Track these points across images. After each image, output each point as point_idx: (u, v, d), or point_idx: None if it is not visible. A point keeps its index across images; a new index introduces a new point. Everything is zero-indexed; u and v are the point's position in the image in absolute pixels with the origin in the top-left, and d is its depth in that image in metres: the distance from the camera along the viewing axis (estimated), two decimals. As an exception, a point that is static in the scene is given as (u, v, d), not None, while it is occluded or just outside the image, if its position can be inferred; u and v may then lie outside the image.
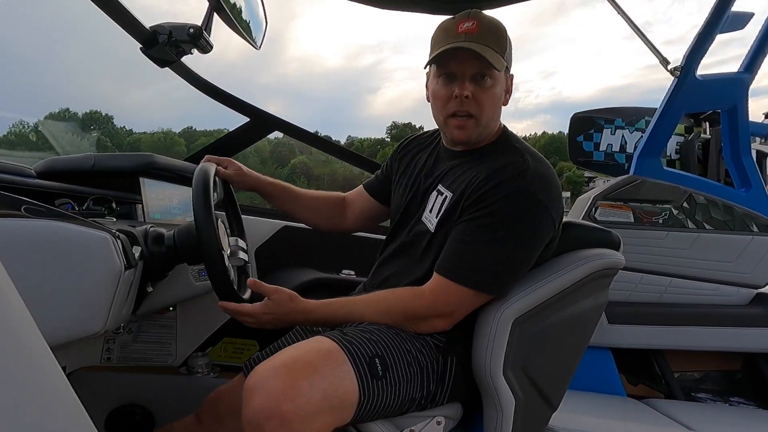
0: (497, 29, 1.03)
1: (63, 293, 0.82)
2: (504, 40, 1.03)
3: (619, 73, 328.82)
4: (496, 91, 1.04)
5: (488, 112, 1.04)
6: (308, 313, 1.02)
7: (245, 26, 1.47)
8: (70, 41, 56.79)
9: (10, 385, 0.32)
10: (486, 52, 0.99)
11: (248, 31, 1.49)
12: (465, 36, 1.00)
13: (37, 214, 0.83)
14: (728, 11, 1.84)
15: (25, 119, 3.32)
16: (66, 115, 30.88)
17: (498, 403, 1.00)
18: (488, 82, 1.02)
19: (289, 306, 1.01)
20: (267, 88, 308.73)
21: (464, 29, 1.01)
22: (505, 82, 1.07)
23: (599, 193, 1.98)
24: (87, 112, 30.52)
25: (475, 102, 1.03)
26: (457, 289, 0.97)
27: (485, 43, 1.00)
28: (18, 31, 37.49)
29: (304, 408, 0.82)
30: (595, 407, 1.72)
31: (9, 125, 3.53)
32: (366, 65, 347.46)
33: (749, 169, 2.01)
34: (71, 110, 29.88)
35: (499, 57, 1.01)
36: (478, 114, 1.04)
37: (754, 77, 1.97)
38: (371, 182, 1.35)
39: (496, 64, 1.00)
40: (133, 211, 1.49)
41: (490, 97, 1.03)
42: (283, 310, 1.01)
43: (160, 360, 1.70)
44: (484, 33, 1.00)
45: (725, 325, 1.88)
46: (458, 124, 1.05)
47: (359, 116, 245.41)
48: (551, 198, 0.99)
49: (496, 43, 1.01)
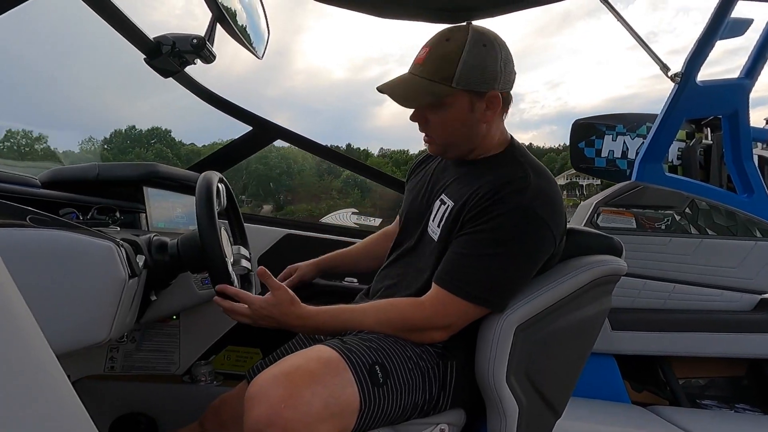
0: (444, 56, 1.00)
1: (67, 302, 0.83)
2: (451, 65, 1.00)
3: (624, 83, 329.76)
4: (450, 115, 1.03)
5: (447, 134, 1.07)
6: (305, 319, 1.01)
7: (247, 37, 1.49)
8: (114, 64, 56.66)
9: (16, 392, 0.32)
10: (411, 90, 1.02)
11: (250, 42, 1.50)
12: (413, 67, 1.04)
13: (41, 224, 0.84)
14: (728, 18, 1.85)
15: (94, 136, 3.48)
16: (133, 131, 31.63)
17: (501, 409, 0.99)
18: (437, 109, 1.04)
19: (287, 308, 1.01)
20: (274, 100, 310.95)
21: (417, 58, 1.04)
22: (467, 104, 1.03)
23: (601, 199, 1.99)
24: (149, 128, 33.05)
25: (430, 127, 1.07)
26: (456, 302, 0.98)
27: (421, 73, 1.02)
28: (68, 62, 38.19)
29: (305, 416, 0.82)
30: (599, 414, 1.72)
31: (78, 142, 3.69)
32: (371, 77, 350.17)
33: (751, 174, 2.01)
34: (137, 127, 33.21)
35: (435, 86, 1.00)
36: (437, 137, 1.08)
37: (754, 83, 1.98)
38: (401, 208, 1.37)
39: (413, 101, 1.03)
40: (137, 220, 1.49)
41: (440, 122, 1.05)
42: (281, 311, 1.01)
43: (164, 368, 1.70)
44: (428, 62, 1.02)
45: (730, 331, 1.87)
46: (426, 140, 1.11)
47: (365, 128, 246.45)
48: (552, 214, 0.99)
49: (435, 71, 1.00)
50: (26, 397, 0.32)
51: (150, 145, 30.15)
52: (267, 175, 31.04)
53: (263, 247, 1.80)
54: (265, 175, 30.55)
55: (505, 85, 1.04)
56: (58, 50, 50.37)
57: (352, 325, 1.03)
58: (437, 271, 1.01)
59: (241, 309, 1.03)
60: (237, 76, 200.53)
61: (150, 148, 28.09)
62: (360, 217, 2.38)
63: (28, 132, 4.86)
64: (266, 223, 1.91)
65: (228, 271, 1.09)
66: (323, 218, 2.56)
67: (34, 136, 4.33)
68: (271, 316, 1.01)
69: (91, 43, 53.40)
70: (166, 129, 33.26)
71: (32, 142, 4.27)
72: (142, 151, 27.48)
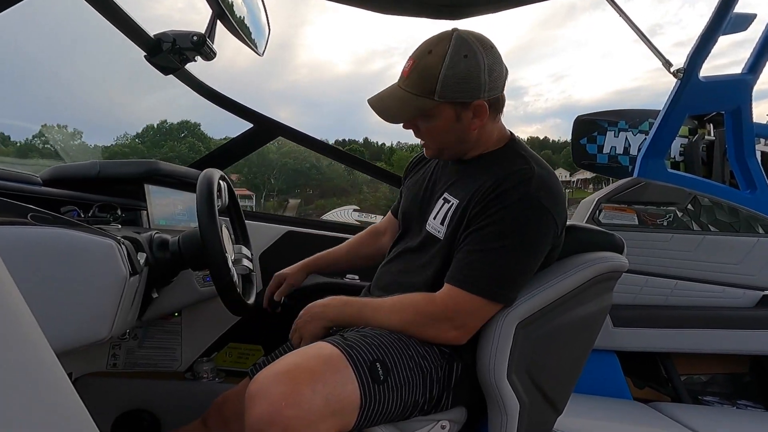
0: (424, 69, 1.01)
1: (69, 300, 0.83)
2: (431, 79, 1.00)
3: (630, 76, 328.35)
4: (437, 125, 1.05)
5: (439, 141, 1.08)
6: (326, 306, 1.06)
7: (248, 33, 1.49)
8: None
9: (16, 391, 0.32)
10: (395, 106, 1.04)
11: (251, 38, 1.50)
12: (400, 79, 1.06)
13: (43, 222, 0.84)
14: (731, 13, 1.84)
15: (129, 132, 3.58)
16: (165, 125, 31.77)
17: (503, 407, 0.99)
18: (425, 118, 1.05)
19: (314, 307, 1.07)
20: (277, 94, 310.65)
21: (403, 71, 1.06)
22: (452, 114, 1.03)
23: (603, 195, 1.98)
24: (180, 121, 33.78)
25: (422, 134, 1.09)
26: (467, 298, 0.98)
27: (405, 86, 1.03)
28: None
29: (306, 414, 0.82)
30: (600, 411, 1.72)
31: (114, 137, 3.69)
32: (376, 70, 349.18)
33: (754, 170, 2.01)
34: (168, 121, 34.27)
35: (418, 99, 1.01)
36: (430, 143, 1.10)
37: (757, 78, 1.97)
38: (395, 206, 1.38)
39: (397, 117, 1.05)
40: (138, 217, 1.50)
41: (431, 130, 1.06)
42: (312, 310, 1.07)
43: (166, 365, 1.71)
44: (411, 76, 1.03)
45: (732, 328, 1.87)
46: (421, 144, 1.13)
47: (369, 121, 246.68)
48: (555, 204, 1.00)
49: (418, 85, 1.01)
50: (26, 396, 0.32)
51: (182, 139, 30.40)
52: (296, 168, 31.05)
53: (264, 245, 1.81)
54: (294, 168, 30.54)
55: (492, 91, 1.03)
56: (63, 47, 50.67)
57: (366, 312, 1.04)
58: (449, 271, 1.01)
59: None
60: (240, 70, 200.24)
61: (182, 142, 28.28)
62: (361, 213, 2.37)
63: (63, 127, 4.87)
64: (267, 220, 1.91)
65: (229, 269, 1.09)
66: (324, 215, 2.56)
67: (69, 132, 4.34)
68: (311, 316, 1.07)
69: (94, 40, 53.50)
70: (195, 122, 33.57)
71: (68, 137, 4.29)
72: (175, 144, 27.70)
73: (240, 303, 1.13)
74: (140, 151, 29.25)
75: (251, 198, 25.15)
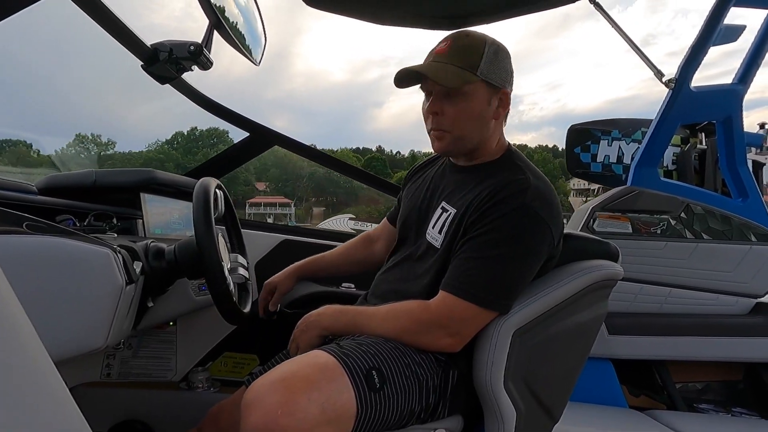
0: (469, 47, 1.05)
1: (64, 309, 0.82)
2: (476, 55, 1.04)
3: (624, 85, 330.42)
4: (470, 106, 1.05)
5: (461, 126, 1.07)
6: (320, 315, 1.07)
7: (244, 42, 1.49)
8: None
9: (15, 400, 0.32)
10: (438, 70, 1.03)
11: (247, 48, 1.51)
12: (434, 57, 1.06)
13: (38, 231, 0.84)
14: (721, 24, 1.87)
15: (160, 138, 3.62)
16: (195, 132, 32.27)
17: (499, 415, 0.99)
18: (458, 99, 1.05)
19: (309, 317, 1.08)
20: (274, 103, 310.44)
21: (437, 50, 1.07)
22: (486, 96, 1.06)
23: (597, 204, 1.99)
24: (208, 128, 34.34)
25: (446, 118, 1.07)
26: (461, 305, 0.98)
27: (448, 61, 1.04)
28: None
29: (302, 423, 0.82)
30: (596, 419, 1.72)
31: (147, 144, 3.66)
32: (371, 79, 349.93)
33: (745, 179, 2.03)
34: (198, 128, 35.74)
35: (462, 72, 1.03)
36: (451, 129, 1.08)
37: (747, 88, 2.00)
38: (392, 213, 1.39)
39: (446, 80, 1.02)
40: (134, 226, 1.49)
41: (461, 112, 1.06)
42: (308, 320, 1.08)
43: (160, 375, 1.69)
44: (452, 52, 1.04)
45: (726, 335, 1.88)
46: (435, 135, 1.10)
47: (365, 130, 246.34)
48: (552, 215, 1.01)
49: (462, 59, 1.03)
50: (24, 404, 0.33)
51: (213, 146, 30.49)
52: (326, 177, 30.91)
53: (260, 254, 1.80)
54: (324, 177, 30.41)
55: (512, 86, 1.10)
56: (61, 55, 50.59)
57: (360, 319, 1.04)
58: (444, 278, 1.02)
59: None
60: (236, 78, 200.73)
61: (214, 148, 28.34)
62: (357, 222, 2.37)
63: (97, 136, 4.89)
64: (263, 229, 1.91)
65: (225, 278, 1.09)
66: (320, 224, 2.57)
67: (103, 141, 4.37)
68: (307, 325, 1.08)
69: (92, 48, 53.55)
70: (224, 129, 34.49)
71: (102, 147, 4.29)
72: (208, 151, 27.74)
73: (236, 312, 1.13)
74: (174, 158, 29.41)
75: (290, 206, 24.92)
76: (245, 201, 31.72)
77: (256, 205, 29.70)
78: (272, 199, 29.00)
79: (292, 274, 1.38)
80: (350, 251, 1.43)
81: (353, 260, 1.42)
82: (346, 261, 1.42)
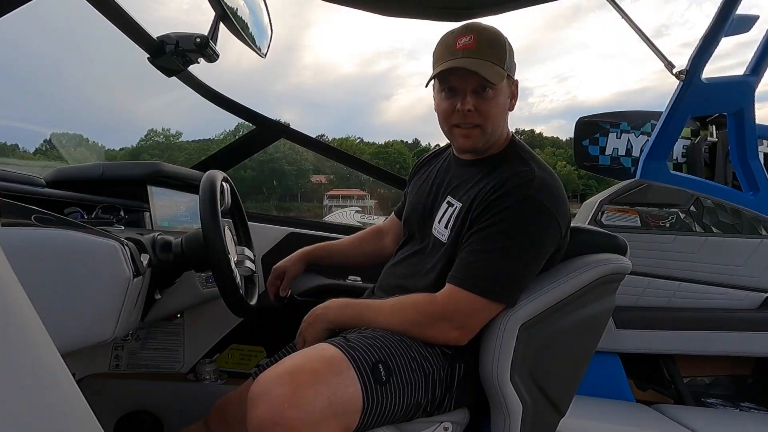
0: (495, 41, 1.04)
1: (72, 301, 0.83)
2: (502, 50, 1.05)
3: (635, 77, 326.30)
4: (500, 100, 1.06)
5: (493, 121, 1.07)
6: (327, 308, 1.07)
7: (251, 35, 1.49)
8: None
9: (22, 392, 0.32)
10: (483, 67, 1.01)
11: (254, 40, 1.50)
12: (463, 52, 1.03)
13: (46, 223, 0.84)
14: (733, 14, 1.84)
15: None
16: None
17: (505, 408, 0.99)
18: (490, 94, 1.04)
19: (316, 310, 1.08)
20: (282, 96, 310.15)
21: (462, 45, 1.03)
22: (508, 89, 1.08)
23: (606, 197, 1.98)
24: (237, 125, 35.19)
25: (478, 114, 1.05)
26: (468, 298, 0.98)
27: (483, 57, 1.02)
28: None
29: (308, 415, 0.82)
30: (603, 413, 1.71)
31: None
32: (380, 71, 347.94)
33: (757, 172, 2.00)
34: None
35: (498, 68, 1.03)
36: (483, 124, 1.06)
37: (760, 79, 1.97)
38: (399, 208, 1.38)
39: (495, 78, 1.02)
40: (141, 219, 1.50)
41: (494, 107, 1.06)
42: (315, 313, 1.08)
43: (168, 367, 1.71)
44: (482, 47, 1.03)
45: (735, 330, 1.86)
46: (463, 133, 1.08)
47: (373, 123, 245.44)
48: (558, 206, 1.00)
49: (494, 55, 1.03)
50: (31, 396, 0.33)
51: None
52: (384, 165, 30.63)
53: (267, 246, 1.81)
54: (383, 165, 30.50)
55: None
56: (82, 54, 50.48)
57: (367, 313, 1.04)
58: (451, 271, 1.02)
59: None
60: (244, 71, 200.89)
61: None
62: (364, 215, 2.37)
63: (166, 129, 4.98)
64: (269, 222, 1.91)
65: (232, 270, 1.09)
66: (326, 217, 2.57)
67: (170, 133, 4.43)
68: (314, 318, 1.08)
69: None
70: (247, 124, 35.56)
71: (171, 138, 4.35)
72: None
73: (242, 304, 1.13)
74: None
75: (365, 198, 24.78)
76: (323, 194, 31.44)
77: (334, 198, 29.59)
78: (349, 191, 29.12)
79: (302, 257, 1.37)
80: (361, 242, 1.43)
81: (363, 252, 1.41)
82: (356, 252, 1.41)
